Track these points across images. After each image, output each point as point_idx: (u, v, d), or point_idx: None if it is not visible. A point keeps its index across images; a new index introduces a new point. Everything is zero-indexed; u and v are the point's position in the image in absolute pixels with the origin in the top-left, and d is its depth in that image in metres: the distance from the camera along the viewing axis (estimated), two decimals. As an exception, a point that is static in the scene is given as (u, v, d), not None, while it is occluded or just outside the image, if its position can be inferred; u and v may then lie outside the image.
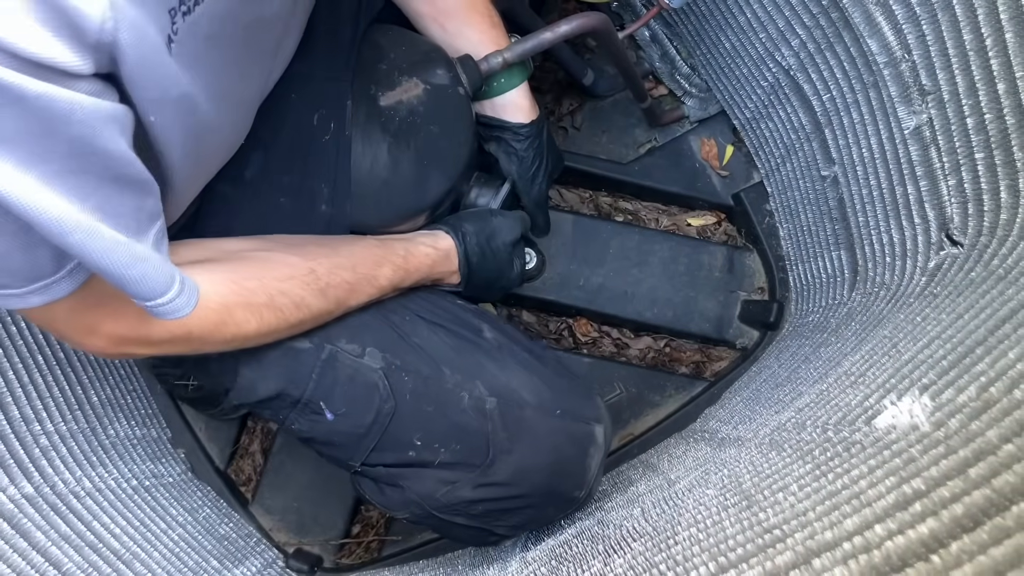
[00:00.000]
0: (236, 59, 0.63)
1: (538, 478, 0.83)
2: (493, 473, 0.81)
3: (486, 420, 0.81)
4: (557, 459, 0.84)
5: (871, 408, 0.64)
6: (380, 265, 0.81)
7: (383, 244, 0.84)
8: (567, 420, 0.85)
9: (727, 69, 1.24)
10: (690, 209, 1.36)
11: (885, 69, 0.89)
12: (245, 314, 0.69)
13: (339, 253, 0.79)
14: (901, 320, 0.80)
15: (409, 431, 0.80)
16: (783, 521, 0.51)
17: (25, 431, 0.90)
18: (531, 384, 0.85)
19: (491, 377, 0.84)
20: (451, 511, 0.82)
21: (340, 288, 0.77)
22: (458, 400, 0.81)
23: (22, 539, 0.79)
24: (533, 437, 0.83)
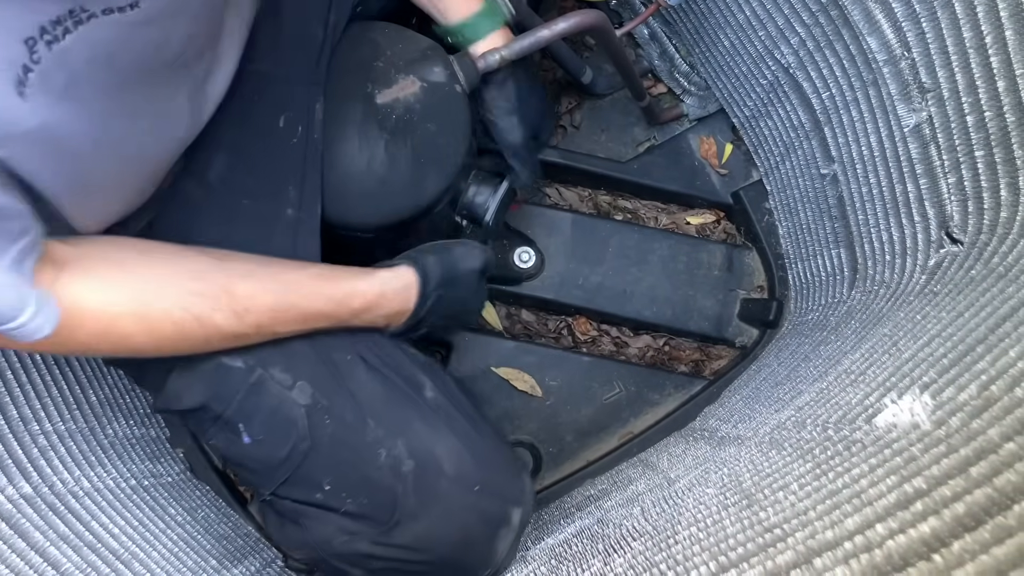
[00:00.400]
0: (132, 79, 0.59)
1: (441, 550, 0.81)
2: (395, 535, 0.79)
3: (398, 481, 0.79)
4: (464, 535, 0.82)
5: (871, 407, 0.63)
6: (313, 298, 0.77)
7: (325, 276, 0.79)
8: (483, 498, 0.83)
9: (726, 67, 1.24)
10: (689, 207, 1.36)
11: (884, 67, 0.89)
12: (133, 324, 0.66)
13: (273, 279, 0.75)
14: (901, 318, 0.79)
15: (320, 474, 0.79)
16: (783, 520, 0.51)
17: (23, 431, 0.90)
18: (456, 454, 0.83)
19: (416, 438, 0.81)
20: (346, 561, 0.81)
21: (261, 314, 0.73)
22: (375, 455, 0.79)
23: (20, 539, 0.79)
24: (444, 508, 0.81)
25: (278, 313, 0.75)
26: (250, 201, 0.82)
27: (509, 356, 1.28)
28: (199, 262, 0.72)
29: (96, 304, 0.63)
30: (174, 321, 0.68)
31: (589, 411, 1.28)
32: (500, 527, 0.85)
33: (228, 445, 0.80)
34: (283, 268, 0.77)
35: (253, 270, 0.74)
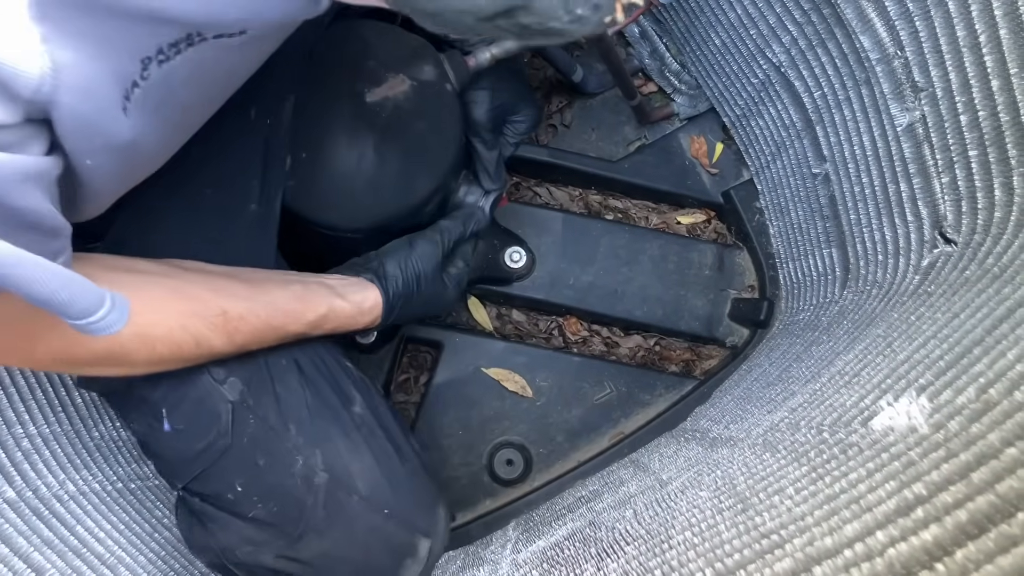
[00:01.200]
0: (207, 97, 0.62)
1: (342, 570, 0.80)
2: (299, 549, 0.78)
3: (309, 492, 0.78)
4: (366, 559, 0.81)
5: (867, 409, 0.63)
6: (294, 322, 0.78)
7: (306, 297, 0.80)
8: (392, 523, 0.82)
9: (717, 66, 1.23)
10: (680, 207, 1.35)
11: (878, 66, 0.88)
12: (136, 345, 0.67)
13: (257, 299, 0.75)
14: (895, 319, 0.79)
15: (234, 474, 0.78)
16: (780, 526, 0.50)
17: (7, 434, 0.88)
18: (372, 475, 0.82)
19: (333, 453, 0.80)
20: (248, 572, 0.80)
21: (247, 335, 0.74)
22: (291, 462, 0.78)
23: (3, 544, 0.78)
24: (349, 527, 0.80)
25: (261, 335, 0.75)
26: (212, 191, 0.81)
27: (500, 357, 1.27)
28: (192, 282, 0.72)
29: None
30: (175, 343, 0.69)
31: (580, 411, 1.27)
32: (406, 556, 0.84)
33: (148, 431, 0.79)
34: (269, 288, 0.77)
35: (241, 291, 0.74)
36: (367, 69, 0.86)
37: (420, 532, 0.84)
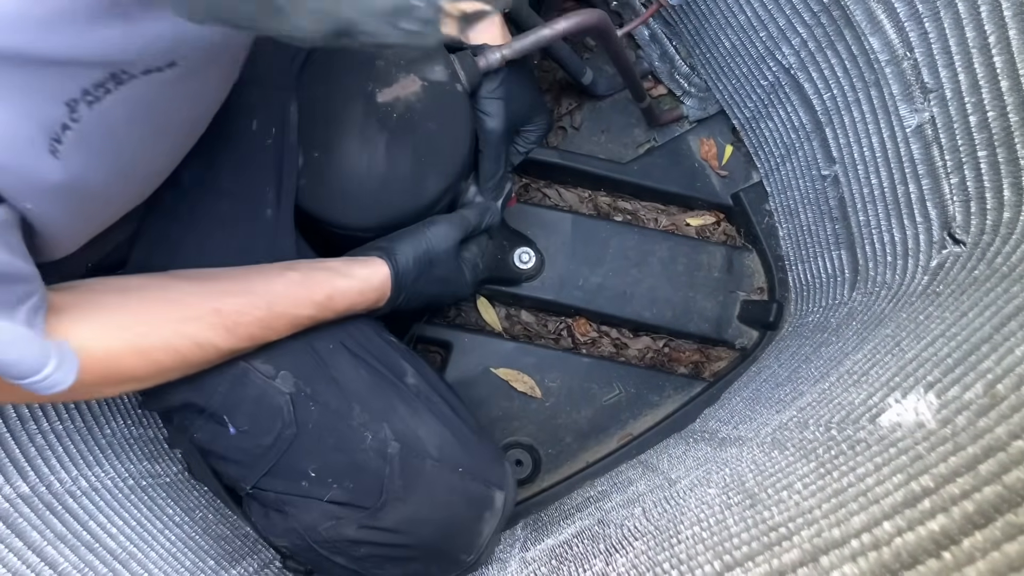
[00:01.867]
0: (160, 132, 0.61)
1: (426, 532, 0.82)
2: (381, 518, 0.80)
3: (385, 464, 0.80)
4: (449, 517, 0.83)
5: (875, 406, 0.63)
6: (299, 305, 0.78)
7: (306, 281, 0.80)
8: (467, 480, 0.84)
9: (727, 68, 1.24)
10: (689, 209, 1.36)
11: (887, 67, 0.88)
12: (135, 360, 0.67)
13: (253, 291, 0.75)
14: (903, 319, 0.79)
15: (305, 461, 0.79)
16: (788, 519, 0.50)
17: (21, 430, 0.89)
18: (440, 437, 0.84)
19: (400, 422, 0.82)
20: (332, 548, 0.81)
21: (252, 326, 0.75)
22: (361, 439, 0.80)
23: (17, 539, 0.78)
24: (428, 490, 0.81)
25: (268, 323, 0.76)
26: (228, 204, 0.82)
27: (509, 357, 1.28)
28: (180, 288, 0.72)
29: (98, 348, 0.64)
30: (175, 350, 0.69)
31: (588, 412, 1.27)
32: (484, 510, 0.86)
33: (213, 438, 0.80)
34: (264, 278, 0.77)
35: (234, 287, 0.75)
36: (378, 69, 0.87)
37: (494, 485, 0.87)
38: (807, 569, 0.41)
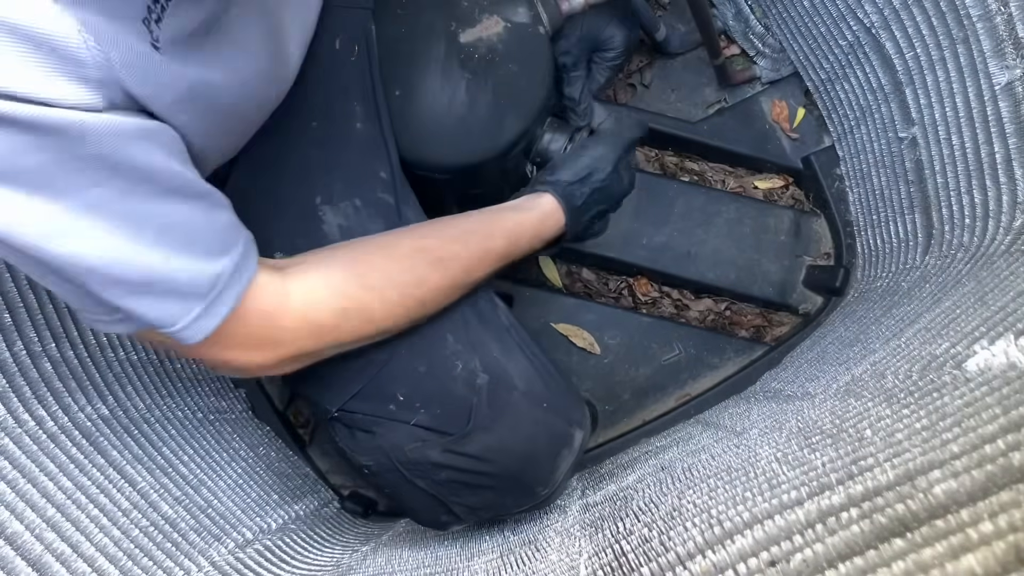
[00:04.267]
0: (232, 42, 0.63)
1: (508, 461, 0.83)
2: (466, 444, 0.81)
3: (473, 393, 0.81)
4: (531, 448, 0.84)
5: (959, 355, 0.62)
6: (491, 237, 0.80)
7: (491, 217, 0.82)
8: (551, 415, 0.85)
9: (803, 28, 1.22)
10: (757, 172, 1.34)
11: (979, 23, 0.86)
12: (368, 298, 0.71)
13: (446, 228, 0.79)
14: (985, 276, 0.78)
15: (395, 385, 0.80)
16: (876, 451, 0.50)
17: (100, 356, 0.92)
18: (527, 372, 0.85)
19: (490, 356, 0.84)
20: (415, 470, 0.82)
21: (457, 261, 0.77)
22: (452, 367, 0.81)
23: (100, 456, 0.81)
24: (514, 421, 0.83)
25: (468, 259, 0.79)
26: (318, 122, 0.84)
27: (569, 313, 1.28)
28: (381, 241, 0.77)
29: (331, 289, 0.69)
30: (399, 285, 0.73)
31: (647, 371, 1.27)
32: (563, 446, 0.87)
33: None
34: (451, 221, 0.81)
35: (431, 228, 0.80)
36: (461, 9, 0.87)
37: (574, 423, 0.89)
38: (906, 487, 0.41)
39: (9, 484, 0.66)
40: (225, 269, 0.59)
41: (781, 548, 0.45)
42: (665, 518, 0.63)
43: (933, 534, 0.37)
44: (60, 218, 0.48)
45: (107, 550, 0.72)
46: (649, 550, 0.58)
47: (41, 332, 0.81)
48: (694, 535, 0.53)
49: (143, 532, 0.79)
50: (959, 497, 0.39)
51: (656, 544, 0.58)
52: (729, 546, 0.49)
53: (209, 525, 0.89)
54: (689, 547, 0.52)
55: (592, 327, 1.28)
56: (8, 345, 0.75)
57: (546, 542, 0.81)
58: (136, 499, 0.81)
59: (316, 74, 0.83)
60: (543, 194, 0.86)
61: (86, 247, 0.50)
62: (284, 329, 0.66)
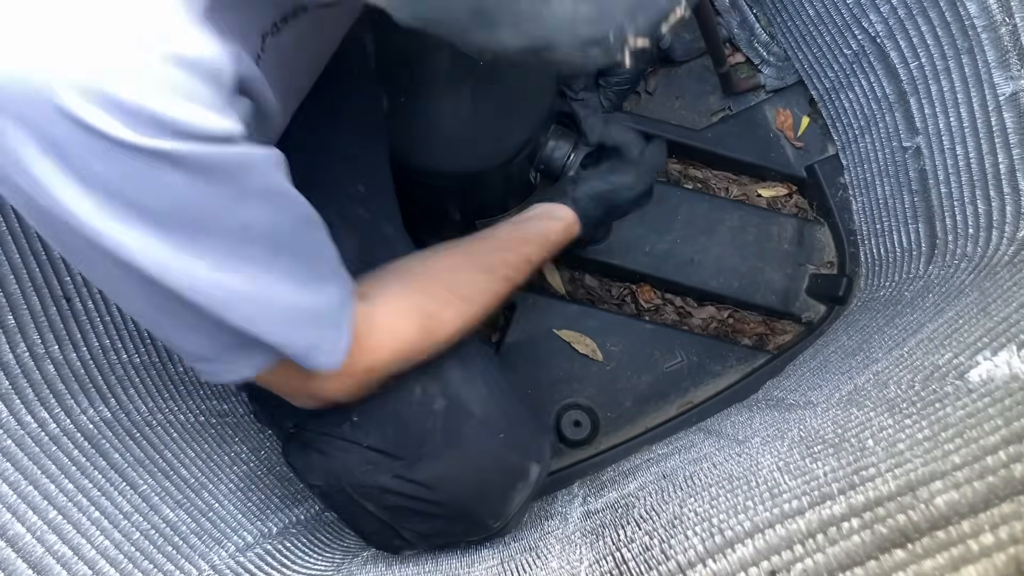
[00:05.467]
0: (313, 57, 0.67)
1: (458, 491, 0.82)
2: (416, 470, 0.80)
3: (429, 418, 0.81)
4: (481, 480, 0.83)
5: (961, 365, 0.62)
6: (525, 243, 0.85)
7: (521, 227, 0.86)
8: (505, 448, 0.85)
9: (808, 37, 1.22)
10: (761, 180, 1.34)
11: (983, 33, 0.87)
12: (443, 309, 0.74)
13: (484, 239, 0.83)
14: (988, 287, 0.78)
15: (350, 408, 0.80)
16: (878, 461, 0.50)
17: (103, 359, 0.92)
18: (486, 402, 0.85)
19: (450, 382, 0.83)
20: (364, 493, 0.82)
21: (502, 267, 0.82)
22: (410, 390, 0.81)
23: (102, 458, 0.81)
24: (466, 451, 0.82)
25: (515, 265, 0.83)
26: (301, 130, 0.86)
27: (571, 319, 1.28)
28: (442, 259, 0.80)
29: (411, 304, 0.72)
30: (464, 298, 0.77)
31: (649, 378, 1.27)
32: (518, 480, 0.86)
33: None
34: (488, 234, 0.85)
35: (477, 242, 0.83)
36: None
37: (531, 457, 0.87)
38: (908, 498, 0.41)
39: (11, 486, 0.66)
40: (343, 291, 0.61)
41: (782, 558, 0.44)
42: (666, 526, 0.63)
43: (934, 545, 0.37)
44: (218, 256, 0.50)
45: (108, 553, 0.72)
46: (650, 558, 0.58)
47: (44, 334, 0.81)
48: (695, 544, 0.53)
49: (144, 535, 0.79)
50: (960, 508, 0.39)
51: (657, 552, 0.57)
52: (730, 555, 0.49)
53: (210, 529, 0.89)
54: (690, 556, 0.52)
55: (595, 334, 1.28)
56: (11, 347, 0.75)
57: (547, 549, 0.81)
58: (137, 502, 0.81)
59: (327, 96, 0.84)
60: (562, 206, 0.89)
61: (239, 283, 0.51)
62: (374, 353, 0.68)
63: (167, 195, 0.45)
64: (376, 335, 0.67)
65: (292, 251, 0.55)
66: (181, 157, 0.44)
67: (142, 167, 0.43)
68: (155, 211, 0.46)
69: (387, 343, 0.68)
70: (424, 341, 0.72)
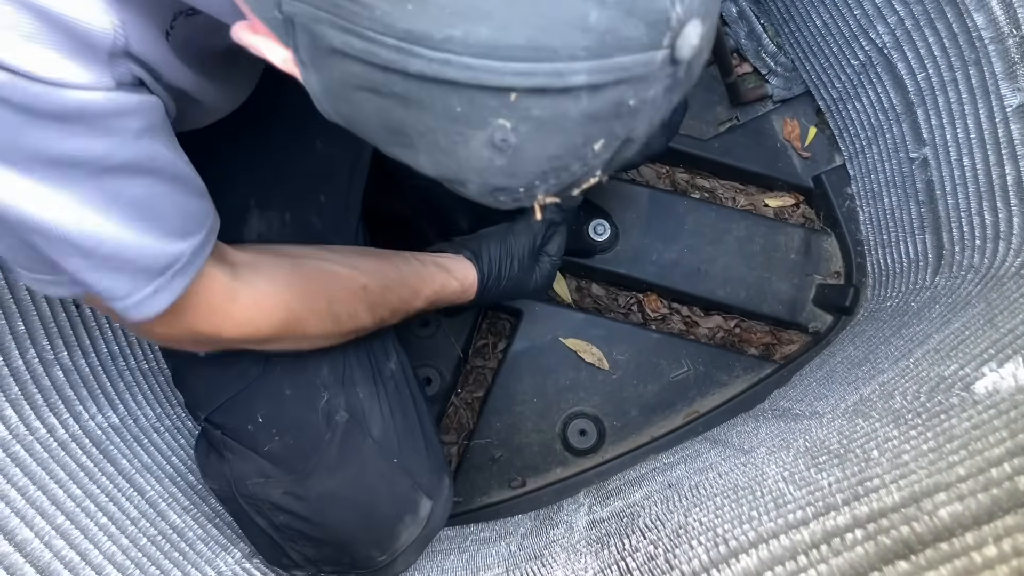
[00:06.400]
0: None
1: (344, 514, 0.82)
2: (307, 486, 0.81)
3: (328, 428, 0.82)
4: (370, 504, 0.84)
5: (967, 377, 0.62)
6: (416, 297, 0.85)
7: (424, 275, 0.87)
8: (397, 473, 0.85)
9: (816, 47, 1.22)
10: (768, 190, 1.35)
11: (990, 45, 0.87)
12: (308, 316, 0.73)
13: (388, 275, 0.82)
14: (995, 298, 0.78)
15: (258, 403, 0.81)
16: (883, 472, 0.50)
17: (111, 365, 0.93)
18: (386, 424, 0.85)
19: (357, 397, 0.84)
20: (255, 506, 0.82)
21: (384, 308, 0.81)
22: (317, 398, 0.82)
23: (110, 464, 0.82)
24: (359, 468, 0.83)
25: (395, 308, 0.83)
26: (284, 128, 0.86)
27: (578, 328, 1.28)
28: (334, 261, 0.78)
29: (278, 300, 0.71)
30: (334, 315, 0.76)
31: (655, 387, 1.27)
32: (406, 512, 0.86)
33: (182, 359, 0.83)
34: (395, 264, 0.84)
35: (375, 266, 0.82)
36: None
37: (423, 489, 0.87)
38: (912, 509, 0.41)
39: (20, 491, 0.67)
40: (183, 253, 0.59)
41: (786, 568, 0.45)
42: (671, 536, 0.63)
43: (938, 557, 0.37)
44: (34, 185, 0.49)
45: (115, 558, 0.72)
46: (655, 568, 0.58)
47: (54, 340, 0.81)
48: (700, 553, 0.53)
49: (151, 541, 0.79)
50: (964, 520, 0.39)
51: (662, 562, 0.58)
52: (734, 565, 0.49)
53: (216, 535, 0.90)
54: (695, 565, 0.52)
55: (601, 342, 1.28)
56: (21, 353, 0.76)
57: (552, 558, 0.81)
58: (145, 508, 0.82)
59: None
60: (469, 268, 0.92)
61: (57, 214, 0.50)
62: (223, 328, 0.67)
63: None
64: (230, 310, 0.67)
65: (116, 198, 0.53)
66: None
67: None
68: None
69: (237, 323, 0.68)
70: (276, 335, 0.72)
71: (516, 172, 0.41)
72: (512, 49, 0.35)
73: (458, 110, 0.38)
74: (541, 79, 0.36)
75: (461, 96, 0.37)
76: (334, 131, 0.84)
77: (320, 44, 0.39)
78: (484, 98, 0.37)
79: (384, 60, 0.37)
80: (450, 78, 0.37)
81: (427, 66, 0.36)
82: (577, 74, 0.36)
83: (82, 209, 0.51)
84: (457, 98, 0.37)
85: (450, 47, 0.36)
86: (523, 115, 0.38)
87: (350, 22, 0.37)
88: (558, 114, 0.38)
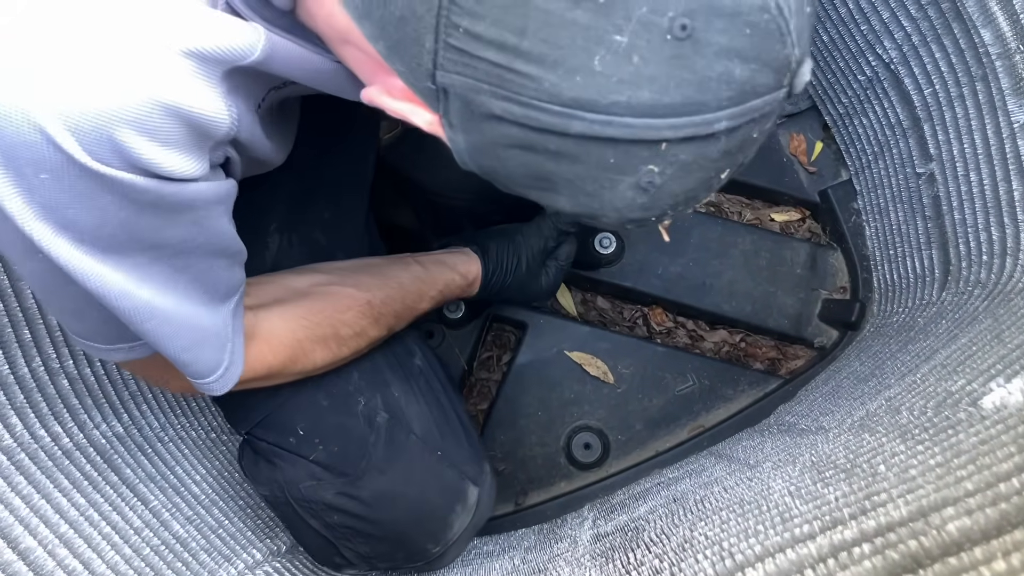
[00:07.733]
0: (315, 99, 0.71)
1: (398, 510, 0.83)
2: (360, 486, 0.82)
3: (371, 431, 0.83)
4: (422, 497, 0.85)
5: (974, 392, 0.62)
6: (421, 299, 0.87)
7: (428, 277, 0.89)
8: (443, 465, 0.87)
9: (822, 62, 1.22)
10: (775, 204, 1.35)
11: (997, 61, 0.87)
12: (315, 346, 0.75)
13: (390, 285, 0.84)
14: (1002, 314, 0.78)
15: (297, 417, 0.82)
16: (890, 487, 0.50)
17: (116, 375, 0.93)
18: (425, 419, 0.87)
19: (391, 396, 0.86)
20: (308, 508, 0.83)
21: (390, 317, 0.83)
22: (354, 403, 0.83)
23: (113, 473, 0.81)
24: (408, 465, 0.84)
25: (401, 314, 0.85)
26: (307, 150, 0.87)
27: (583, 341, 1.28)
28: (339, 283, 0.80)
29: (288, 333, 0.73)
30: (341, 338, 0.78)
31: (660, 401, 1.27)
32: (456, 501, 0.88)
33: None
34: (394, 274, 0.86)
35: (376, 280, 0.83)
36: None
37: (468, 477, 0.89)
38: (920, 524, 0.41)
39: (24, 499, 0.67)
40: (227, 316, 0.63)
41: (792, 582, 0.44)
42: (676, 550, 0.62)
43: (945, 572, 0.37)
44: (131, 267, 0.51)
45: (118, 568, 0.72)
46: (659, 581, 0.58)
47: (59, 349, 0.81)
48: (705, 567, 0.53)
49: (154, 551, 0.79)
50: (972, 535, 0.38)
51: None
52: (740, 579, 0.48)
53: (220, 545, 0.89)
54: (700, 579, 0.52)
55: (606, 356, 1.28)
56: (27, 361, 0.76)
57: (556, 571, 0.81)
58: (148, 518, 0.81)
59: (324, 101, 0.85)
60: (474, 260, 0.93)
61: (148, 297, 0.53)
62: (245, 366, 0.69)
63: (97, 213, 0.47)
64: (249, 351, 0.69)
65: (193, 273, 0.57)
66: (120, 183, 0.45)
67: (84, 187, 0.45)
68: (84, 226, 0.47)
69: (255, 361, 0.70)
70: (284, 370, 0.74)
71: (653, 207, 0.46)
72: (669, 107, 0.39)
73: (611, 161, 0.42)
74: (691, 129, 0.40)
75: (616, 150, 0.41)
76: (336, 151, 0.86)
77: (476, 111, 0.42)
78: (637, 150, 0.41)
79: (545, 124, 0.41)
80: (610, 136, 0.40)
81: (588, 127, 0.40)
82: (720, 121, 0.40)
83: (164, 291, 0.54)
84: (612, 152, 0.41)
85: (614, 111, 0.39)
86: (670, 160, 0.42)
87: (514, 92, 0.40)
88: (700, 155, 0.42)
